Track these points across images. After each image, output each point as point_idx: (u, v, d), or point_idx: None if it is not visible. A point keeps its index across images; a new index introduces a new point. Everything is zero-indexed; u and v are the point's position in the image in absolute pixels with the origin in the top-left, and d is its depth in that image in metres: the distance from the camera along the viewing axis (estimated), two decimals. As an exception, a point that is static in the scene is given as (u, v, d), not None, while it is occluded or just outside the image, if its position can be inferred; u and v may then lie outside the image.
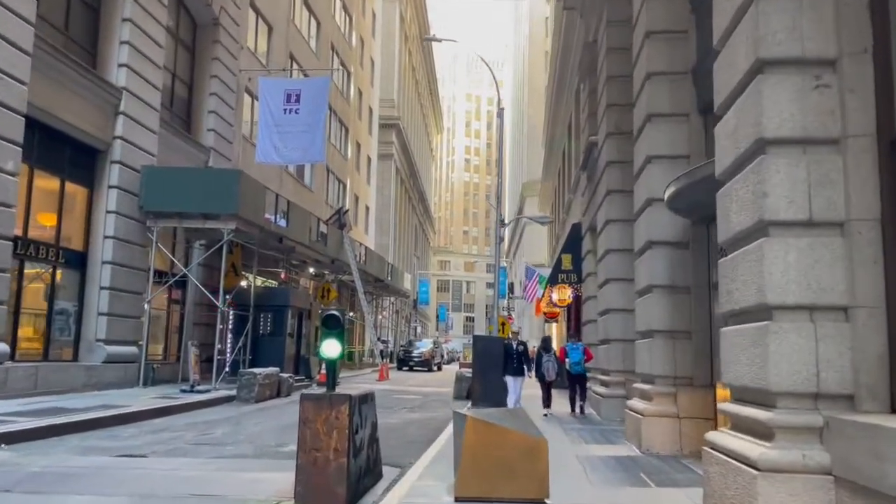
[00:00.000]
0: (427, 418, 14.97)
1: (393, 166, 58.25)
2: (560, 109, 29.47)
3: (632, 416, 9.94)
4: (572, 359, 16.14)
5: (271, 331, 22.17)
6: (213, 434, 11.84)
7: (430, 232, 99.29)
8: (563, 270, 19.79)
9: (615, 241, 14.08)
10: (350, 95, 41.19)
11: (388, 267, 39.83)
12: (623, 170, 14.08)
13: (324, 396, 6.62)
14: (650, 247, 9.64)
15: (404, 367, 38.55)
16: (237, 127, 24.86)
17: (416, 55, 74.36)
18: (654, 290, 9.52)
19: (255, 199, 19.87)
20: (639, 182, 10.22)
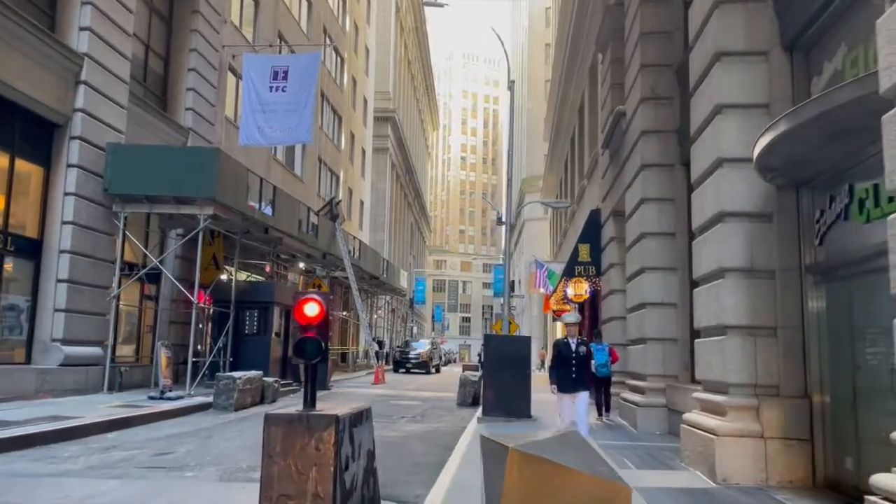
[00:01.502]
0: (431, 430, 12.89)
1: (388, 161, 56.17)
2: (569, 93, 27.46)
3: (695, 433, 7.88)
4: (598, 360, 14.40)
5: (255, 330, 20.05)
6: (174, 453, 9.75)
7: (426, 230, 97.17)
8: (580, 262, 17.75)
9: (652, 224, 12.06)
10: (343, 83, 39.10)
11: (384, 263, 37.73)
12: (661, 140, 12.10)
13: (298, 418, 4.55)
14: (721, 220, 7.59)
15: (401, 368, 36.44)
16: (219, 108, 22.75)
17: (411, 49, 72.30)
18: (728, 274, 7.48)
19: (237, 183, 17.76)
20: (703, 139, 8.17)
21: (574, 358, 9.23)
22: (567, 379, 9.21)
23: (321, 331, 4.73)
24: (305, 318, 4.70)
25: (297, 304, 4.67)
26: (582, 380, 9.28)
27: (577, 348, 9.33)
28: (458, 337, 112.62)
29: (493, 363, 13.39)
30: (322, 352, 4.65)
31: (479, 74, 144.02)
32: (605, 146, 16.21)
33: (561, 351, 9.34)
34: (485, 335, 15.54)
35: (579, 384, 9.23)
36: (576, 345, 9.38)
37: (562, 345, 9.43)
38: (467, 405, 18.14)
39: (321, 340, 4.68)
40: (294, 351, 4.65)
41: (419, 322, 78.70)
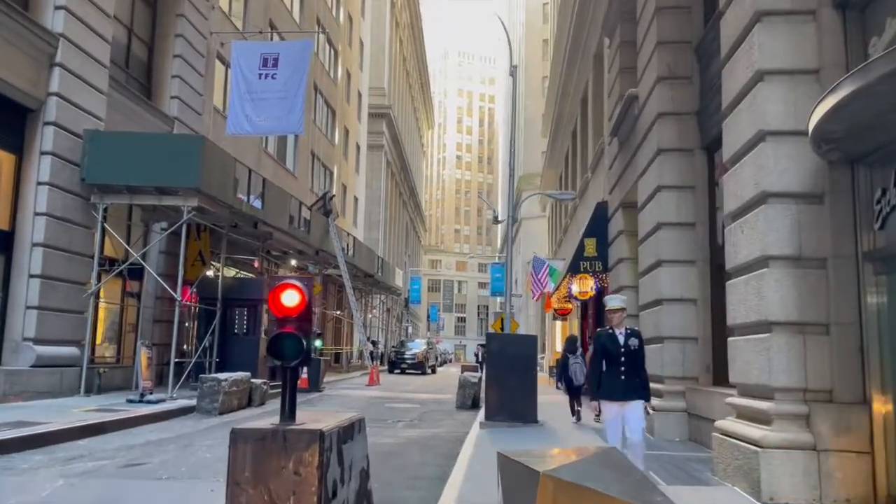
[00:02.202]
0: (430, 437, 11.95)
1: (384, 158, 55.20)
2: (571, 84, 26.55)
3: (732, 444, 6.96)
4: None
5: (244, 329, 19.07)
6: (147, 463, 8.81)
7: (421, 230, 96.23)
8: (586, 257, 16.82)
9: (670, 213, 11.15)
10: (337, 76, 38.11)
11: (379, 261, 36.76)
12: (680, 122, 11.21)
13: (273, 434, 3.61)
14: (764, 201, 6.67)
15: (396, 369, 35.46)
16: (207, 97, 21.75)
17: (407, 45, 71.35)
18: (772, 263, 6.56)
19: (224, 174, 16.78)
20: (739, 112, 7.25)
21: (623, 354, 6.98)
22: (614, 382, 6.94)
23: (302, 325, 3.80)
24: (283, 308, 3.76)
25: (272, 291, 3.73)
26: (634, 383, 6.95)
27: (627, 341, 7.03)
28: (454, 337, 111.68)
29: (496, 364, 12.45)
30: (303, 351, 3.71)
31: (475, 73, 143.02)
32: (613, 134, 15.30)
33: (605, 345, 7.05)
34: (487, 334, 14.62)
35: (631, 389, 6.91)
36: (625, 337, 7.06)
37: (605, 337, 7.11)
38: (467, 408, 17.22)
39: (302, 337, 3.74)
40: (269, 349, 3.72)
41: (414, 322, 77.74)
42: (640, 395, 6.93)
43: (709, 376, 10.69)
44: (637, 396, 6.90)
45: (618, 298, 7.33)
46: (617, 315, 7.10)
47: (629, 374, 6.96)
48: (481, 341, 75.08)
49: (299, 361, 3.76)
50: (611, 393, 6.98)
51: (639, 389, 6.95)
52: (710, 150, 11.02)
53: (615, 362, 6.99)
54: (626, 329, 7.15)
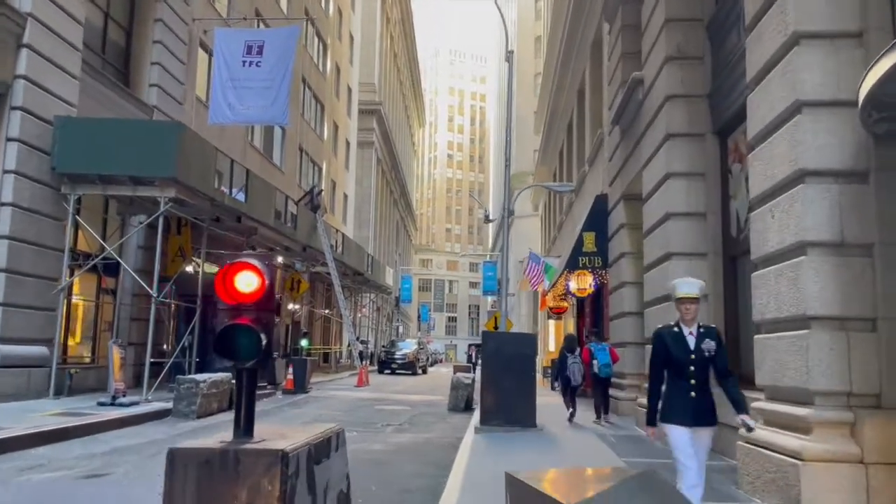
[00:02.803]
0: (422, 442, 11.13)
1: (374, 155, 54.34)
2: (566, 76, 25.79)
3: (764, 455, 6.18)
4: (601, 360, 13.25)
5: (224, 327, 18.18)
6: (109, 474, 7.98)
7: (412, 229, 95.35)
8: (585, 253, 16.04)
9: (679, 203, 10.38)
10: (327, 70, 37.22)
11: (369, 259, 35.89)
12: (690, 105, 10.45)
13: (222, 456, 2.78)
14: (801, 180, 5.90)
15: (386, 369, 34.60)
16: (189, 86, 20.87)
17: (398, 41, 70.49)
18: (810, 250, 5.79)
19: (204, 164, 15.92)
20: (769, 82, 6.47)
21: (694, 363, 5.05)
22: (682, 401, 5.03)
23: (262, 316, 2.98)
24: (236, 294, 2.95)
25: (221, 272, 2.91)
26: (709, 403, 5.11)
27: (701, 344, 5.07)
28: (445, 337, 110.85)
29: (492, 364, 11.65)
30: (261, 349, 2.89)
31: (466, 71, 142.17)
32: (614, 122, 14.53)
33: (669, 349, 5.12)
34: (483, 332, 13.83)
35: (704, 411, 5.06)
36: (696, 338, 5.10)
37: (670, 337, 5.16)
38: (460, 410, 16.43)
39: (261, 330, 2.92)
40: (216, 346, 2.90)
41: (405, 321, 76.88)
42: (713, 419, 5.13)
43: (722, 378, 9.91)
44: (710, 422, 5.10)
45: (694, 283, 5.27)
46: (692, 307, 5.14)
47: (702, 389, 5.06)
48: (472, 341, 74.23)
49: (257, 361, 2.96)
50: (676, 415, 5.02)
51: (711, 411, 5.12)
52: (722, 135, 10.27)
53: (682, 373, 5.06)
54: (698, 327, 5.18)
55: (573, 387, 13.49)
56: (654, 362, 5.31)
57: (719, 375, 5.19)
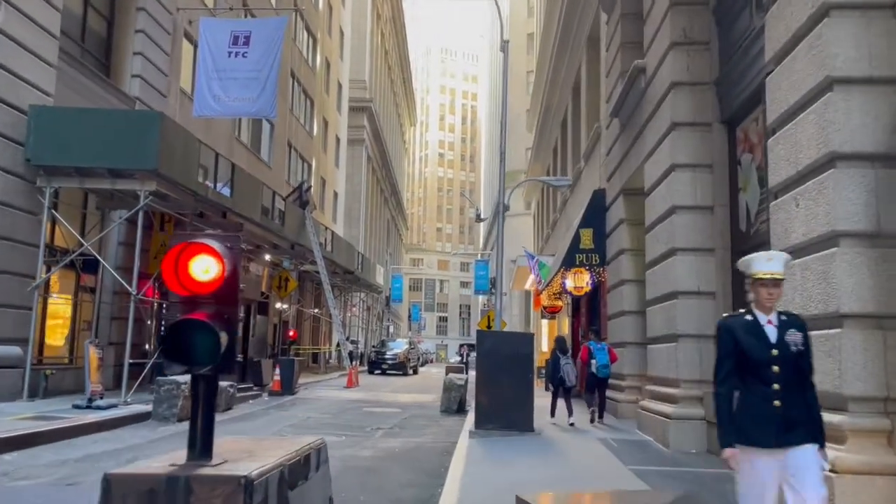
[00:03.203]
0: (413, 448, 10.57)
1: (364, 153, 53.69)
2: (560, 71, 25.27)
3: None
4: (600, 361, 12.83)
5: (208, 327, 17.55)
6: (78, 484, 7.40)
7: (403, 228, 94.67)
8: (582, 249, 15.52)
9: (685, 196, 9.87)
10: (316, 65, 36.57)
11: (359, 257, 35.28)
12: (696, 93, 9.96)
13: (169, 483, 2.19)
14: (832, 165, 5.39)
15: (376, 370, 33.98)
16: (173, 78, 20.21)
17: (389, 38, 69.84)
18: (843, 241, 5.28)
19: (186, 156, 15.29)
20: (794, 59, 5.95)
21: (777, 360, 3.79)
22: (761, 411, 3.77)
23: (223, 309, 2.41)
24: (191, 283, 2.38)
25: (171, 254, 2.35)
26: (799, 412, 3.80)
27: (784, 335, 3.84)
28: (435, 337, 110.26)
29: (488, 365, 11.11)
30: (222, 351, 2.33)
31: (458, 70, 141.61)
32: (613, 114, 14.01)
33: (739, 343, 3.85)
34: (478, 332, 13.29)
35: (794, 424, 3.76)
36: (778, 329, 3.86)
37: (743, 329, 3.88)
38: (453, 412, 15.88)
39: (221, 328, 2.36)
40: (163, 347, 2.33)
41: (395, 321, 76.27)
42: (811, 433, 3.76)
43: (730, 379, 9.41)
44: (806, 438, 3.72)
45: (778, 258, 3.95)
46: (776, 291, 3.82)
47: (789, 394, 3.75)
48: (463, 341, 73.68)
49: (217, 367, 2.40)
50: (754, 432, 3.70)
51: (807, 423, 3.77)
52: (730, 124, 9.77)
53: (761, 375, 3.76)
54: (779, 315, 3.88)
55: (567, 388, 13.05)
56: (722, 363, 3.90)
57: (803, 382, 3.88)
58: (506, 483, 7.05)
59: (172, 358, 2.36)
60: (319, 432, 12.02)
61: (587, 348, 13.39)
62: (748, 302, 4.00)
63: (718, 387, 3.92)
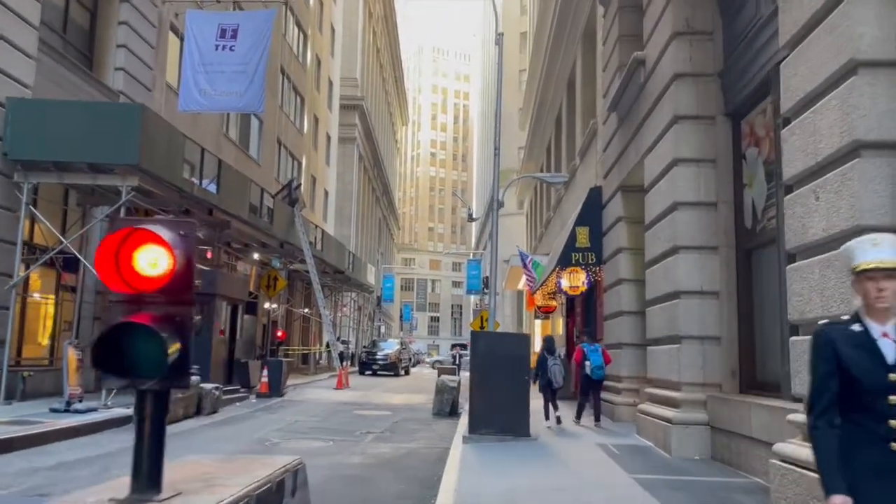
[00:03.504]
0: (405, 454, 10.14)
1: (356, 151, 53.17)
2: (555, 68, 24.90)
3: (808, 479, 5.26)
4: (594, 362, 12.51)
5: (195, 327, 17.07)
6: (49, 494, 6.96)
7: (395, 227, 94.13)
8: (578, 248, 15.13)
9: (688, 191, 9.49)
10: (307, 61, 36.07)
11: (350, 256, 34.81)
12: (699, 85, 9.60)
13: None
14: (857, 154, 5.00)
15: (367, 370, 33.51)
16: (159, 72, 19.70)
17: (380, 37, 69.32)
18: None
19: (171, 151, 14.82)
20: (815, 38, 5.55)
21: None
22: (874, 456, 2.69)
23: (173, 311, 1.98)
24: (135, 278, 1.95)
25: (108, 241, 1.92)
26: None
27: None
28: (427, 337, 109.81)
29: (482, 366, 10.69)
30: (172, 362, 1.90)
31: (450, 69, 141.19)
32: (611, 109, 13.63)
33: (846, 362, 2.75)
34: (472, 332, 12.89)
35: None
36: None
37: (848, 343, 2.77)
38: (445, 415, 15.47)
39: (171, 334, 1.93)
40: (95, 357, 1.89)
41: (387, 321, 75.77)
42: None
43: (734, 382, 9.05)
44: None
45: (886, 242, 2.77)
46: (889, 286, 2.71)
47: None
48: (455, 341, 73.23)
49: (166, 380, 1.97)
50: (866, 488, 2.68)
51: None
52: (735, 117, 9.40)
53: (875, 405, 2.73)
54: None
55: (554, 389, 12.79)
56: (820, 385, 2.82)
57: None
58: (503, 493, 6.64)
59: (108, 369, 1.93)
60: (307, 437, 11.58)
61: (581, 350, 13.08)
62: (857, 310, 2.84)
63: (815, 420, 2.83)
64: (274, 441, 11.04)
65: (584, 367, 12.70)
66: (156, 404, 2.08)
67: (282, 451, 10.12)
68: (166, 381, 2.02)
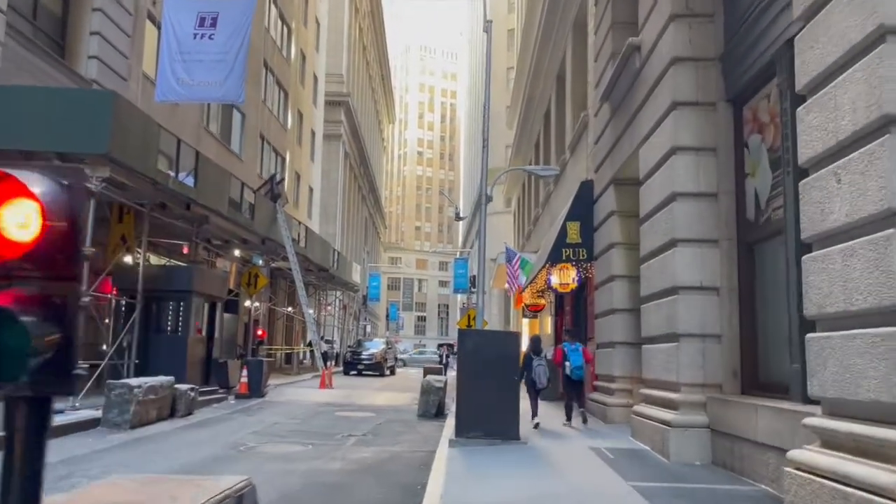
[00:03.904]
0: (388, 458, 9.58)
1: (341, 149, 52.48)
2: (544, 61, 24.42)
3: (828, 489, 4.77)
4: (574, 363, 12.24)
5: (169, 326, 16.42)
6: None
7: (381, 226, 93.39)
8: (569, 244, 14.62)
9: (687, 181, 9.01)
10: (291, 55, 35.38)
11: (334, 254, 34.15)
12: (699, 70, 9.18)
13: None
14: (886, 130, 4.51)
15: (352, 370, 32.85)
16: (135, 61, 19.04)
17: (367, 34, 68.62)
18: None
19: (144, 140, 14.18)
20: (833, 9, 5.06)
21: None
22: None
23: (48, 287, 1.43)
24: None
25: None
26: None
27: None
28: (413, 336, 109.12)
29: (469, 367, 10.15)
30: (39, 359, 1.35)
31: (437, 68, 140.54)
32: (604, 99, 13.14)
33: None
34: (459, 331, 12.36)
35: None
36: None
37: None
38: (430, 417, 14.93)
39: (43, 319, 1.38)
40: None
41: (373, 321, 75.07)
42: None
43: (736, 383, 8.57)
44: None
45: None
46: None
47: None
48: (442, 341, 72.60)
49: (37, 383, 1.42)
50: None
51: None
52: (736, 103, 8.92)
53: None
54: None
55: (538, 389, 12.44)
56: None
57: None
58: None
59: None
60: (285, 440, 11.00)
61: (561, 350, 12.83)
62: None
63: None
64: (250, 445, 10.45)
65: (565, 367, 12.45)
66: (30, 416, 1.53)
67: (257, 455, 9.55)
68: (37, 384, 1.48)
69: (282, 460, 9.11)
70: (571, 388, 12.56)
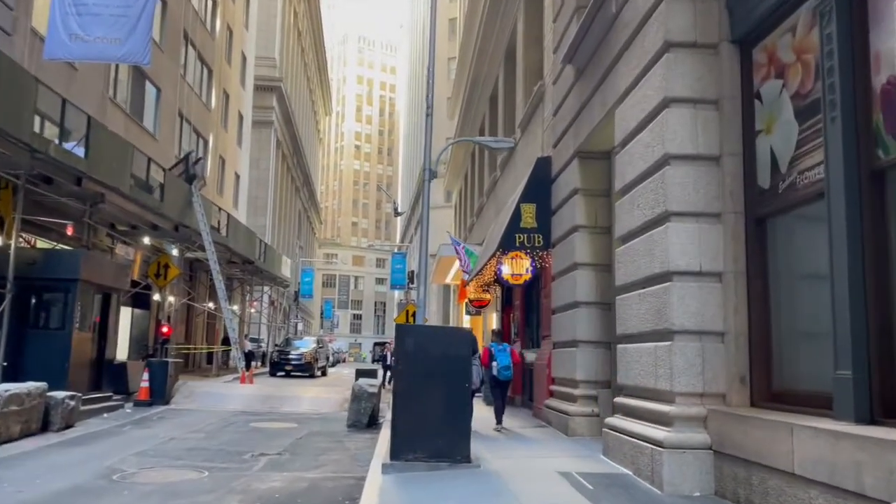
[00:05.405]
0: (302, 492, 7.47)
1: (273, 136, 49.69)
2: (490, 38, 22.59)
3: None
4: (501, 363, 11.65)
5: (47, 321, 13.87)
6: None
7: (316, 221, 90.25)
8: (523, 229, 12.80)
9: (684, 141, 7.25)
10: (216, 30, 32.63)
11: (261, 245, 31.57)
12: (697, 3, 7.36)
13: None
14: None
15: (279, 371, 30.32)
16: (22, 14, 16.33)
17: (302, 20, 65.72)
18: None
19: (18, 97, 11.74)
20: None
21: None
22: None
23: None
24: None
25: None
26: None
27: None
28: (349, 335, 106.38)
29: (410, 371, 8.13)
30: None
31: (376, 60, 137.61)
32: (566, 60, 11.31)
33: None
34: (397, 326, 10.33)
35: None
36: None
37: None
38: (362, 427, 12.93)
39: None
40: None
41: (306, 319, 72.08)
42: None
43: (745, 391, 6.84)
44: None
45: None
46: None
47: None
48: (378, 339, 70.27)
49: None
50: None
51: None
52: (744, 44, 7.20)
53: None
54: None
55: (472, 391, 10.69)
56: None
57: None
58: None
59: None
60: (175, 464, 8.77)
61: (487, 350, 11.82)
62: None
63: None
64: (128, 471, 8.21)
65: (492, 367, 11.57)
66: None
67: (132, 487, 7.33)
68: None
69: (160, 496, 6.93)
70: (499, 389, 11.88)
